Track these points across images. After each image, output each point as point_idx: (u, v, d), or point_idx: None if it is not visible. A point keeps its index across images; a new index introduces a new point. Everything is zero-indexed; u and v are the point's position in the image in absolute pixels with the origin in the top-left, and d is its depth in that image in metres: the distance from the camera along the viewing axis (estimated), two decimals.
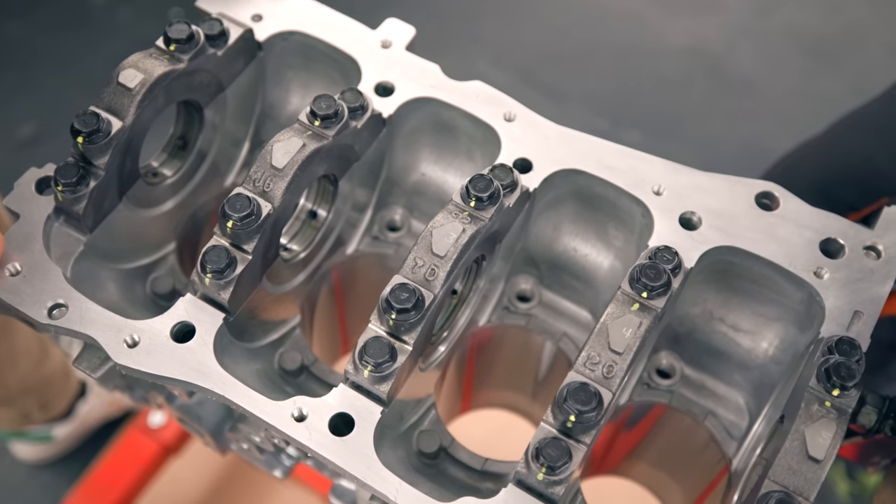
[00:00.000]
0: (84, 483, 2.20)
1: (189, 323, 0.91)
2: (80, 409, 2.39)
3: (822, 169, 1.47)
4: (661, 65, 3.36)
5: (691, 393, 1.07)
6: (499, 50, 3.36)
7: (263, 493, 2.31)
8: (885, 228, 0.97)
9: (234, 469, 2.35)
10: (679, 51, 3.40)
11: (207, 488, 2.32)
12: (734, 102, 3.28)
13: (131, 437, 2.22)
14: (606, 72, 3.33)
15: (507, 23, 3.50)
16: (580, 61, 3.36)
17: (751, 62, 3.38)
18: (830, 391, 0.82)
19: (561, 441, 0.82)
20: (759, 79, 3.34)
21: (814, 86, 3.28)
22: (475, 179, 0.91)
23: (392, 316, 0.85)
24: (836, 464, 2.23)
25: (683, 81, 3.32)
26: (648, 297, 0.87)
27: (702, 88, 3.31)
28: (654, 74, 3.33)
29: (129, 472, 2.19)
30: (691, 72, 3.35)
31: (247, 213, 0.89)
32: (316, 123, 0.94)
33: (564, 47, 3.41)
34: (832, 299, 0.93)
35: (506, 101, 1.05)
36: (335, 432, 0.86)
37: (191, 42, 0.98)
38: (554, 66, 3.34)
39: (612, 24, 3.49)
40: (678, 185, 1.00)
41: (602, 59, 3.37)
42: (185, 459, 2.30)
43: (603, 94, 3.24)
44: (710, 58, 3.39)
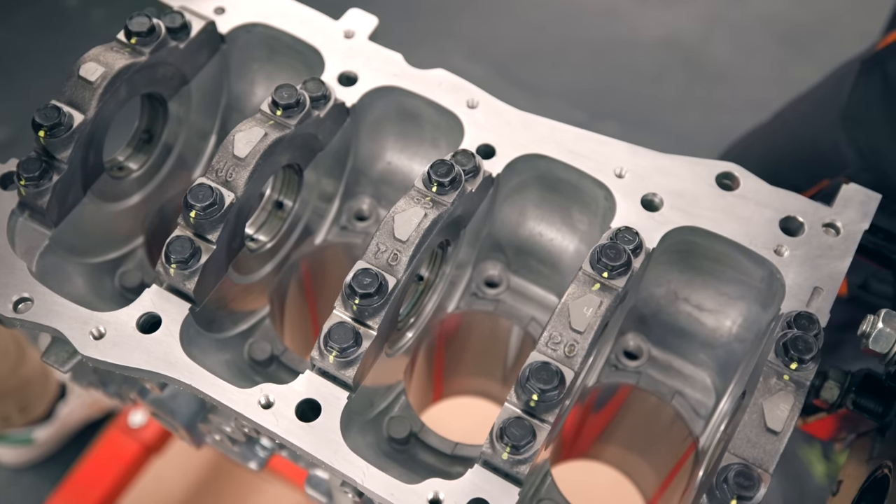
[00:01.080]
0: (65, 485, 2.19)
1: (155, 314, 0.92)
2: (61, 411, 2.38)
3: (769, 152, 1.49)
4: (637, 57, 3.38)
5: (658, 373, 1.08)
6: (474, 45, 3.37)
7: (246, 490, 2.30)
8: (844, 206, 0.99)
9: (217, 467, 2.34)
10: (654, 43, 3.42)
11: (190, 487, 2.32)
12: (710, 92, 3.30)
13: (112, 437, 2.22)
14: (582, 65, 3.34)
15: (482, 18, 3.50)
16: (556, 56, 3.38)
17: (725, 52, 3.40)
18: (788, 365, 0.84)
19: (524, 420, 0.83)
20: (734, 68, 3.36)
21: (788, 74, 3.30)
22: (436, 165, 0.91)
23: (355, 301, 0.86)
24: (812, 446, 2.26)
25: (659, 73, 3.34)
26: (609, 277, 0.87)
27: (677, 79, 3.33)
28: (629, 67, 3.35)
29: (111, 472, 2.18)
30: (667, 63, 3.37)
31: (209, 203, 0.89)
32: (278, 113, 0.95)
33: (540, 42, 3.42)
34: (792, 276, 0.94)
35: (468, 88, 1.06)
36: (302, 418, 0.87)
37: (152, 35, 0.98)
38: (530, 61, 3.35)
39: (587, 19, 3.50)
40: (640, 167, 1.01)
41: (578, 53, 3.38)
42: (167, 458, 2.30)
43: (579, 88, 3.25)
44: (684, 49, 3.41)
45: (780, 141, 1.56)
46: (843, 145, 1.33)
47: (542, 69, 3.31)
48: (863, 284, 1.37)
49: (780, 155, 1.50)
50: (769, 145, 1.58)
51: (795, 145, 1.48)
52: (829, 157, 1.36)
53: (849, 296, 1.37)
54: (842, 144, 1.34)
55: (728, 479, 0.78)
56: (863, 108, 1.33)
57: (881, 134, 1.30)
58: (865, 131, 1.32)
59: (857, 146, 1.31)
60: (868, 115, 1.32)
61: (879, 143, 1.30)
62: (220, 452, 2.35)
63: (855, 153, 1.32)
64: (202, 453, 2.33)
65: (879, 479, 0.90)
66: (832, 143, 1.35)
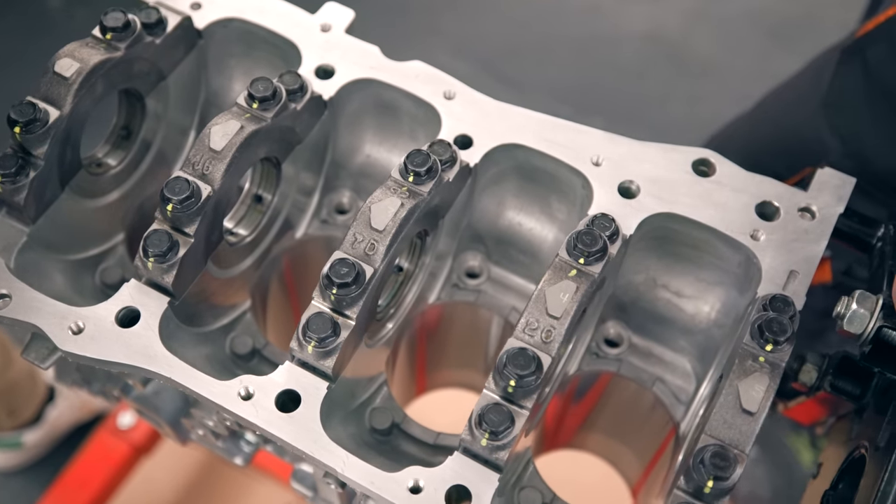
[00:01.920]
0: (54, 488, 2.19)
1: (134, 308, 0.92)
2: (50, 415, 2.38)
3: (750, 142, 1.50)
4: (621, 52, 3.39)
5: (639, 360, 1.09)
6: (460, 43, 3.37)
7: (236, 490, 2.30)
8: (819, 190, 1.00)
9: (207, 468, 2.34)
10: (638, 38, 3.43)
11: (180, 488, 2.31)
12: (694, 86, 3.31)
13: (101, 439, 2.21)
14: (567, 61, 3.35)
15: (467, 16, 3.51)
16: (541, 52, 3.38)
17: (709, 46, 3.41)
18: (764, 346, 0.84)
19: (503, 406, 0.83)
20: (718, 62, 3.37)
21: (772, 67, 3.30)
22: (412, 155, 0.92)
23: (333, 291, 0.86)
24: (800, 434, 2.27)
25: (643, 67, 3.35)
26: (585, 264, 0.88)
27: (662, 74, 3.34)
28: (614, 62, 3.36)
29: (100, 474, 2.18)
30: (651, 58, 3.38)
31: (186, 196, 0.89)
32: (254, 106, 0.95)
33: (525, 39, 3.42)
34: (768, 260, 0.95)
35: (445, 79, 1.06)
36: (282, 409, 0.87)
37: (127, 30, 0.98)
38: (515, 58, 3.35)
39: (572, 15, 3.50)
40: (616, 155, 1.01)
41: (562, 49, 3.38)
42: (156, 460, 2.29)
43: (565, 83, 3.26)
44: (668, 43, 3.42)
45: (762, 130, 1.56)
46: (825, 133, 1.34)
47: (527, 65, 3.32)
48: (847, 271, 1.38)
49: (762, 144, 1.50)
50: (751, 135, 1.59)
51: (777, 134, 1.49)
52: (811, 146, 1.36)
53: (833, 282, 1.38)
54: (823, 132, 1.34)
55: (704, 460, 0.78)
56: (843, 95, 1.33)
57: (862, 121, 1.31)
58: (847, 119, 1.32)
59: (839, 134, 1.32)
60: (849, 103, 1.33)
61: (861, 129, 1.31)
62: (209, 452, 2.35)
63: (837, 141, 1.32)
64: (192, 454, 2.33)
65: (857, 459, 0.90)
66: (814, 132, 1.36)
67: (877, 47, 1.27)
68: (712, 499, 0.79)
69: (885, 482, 0.78)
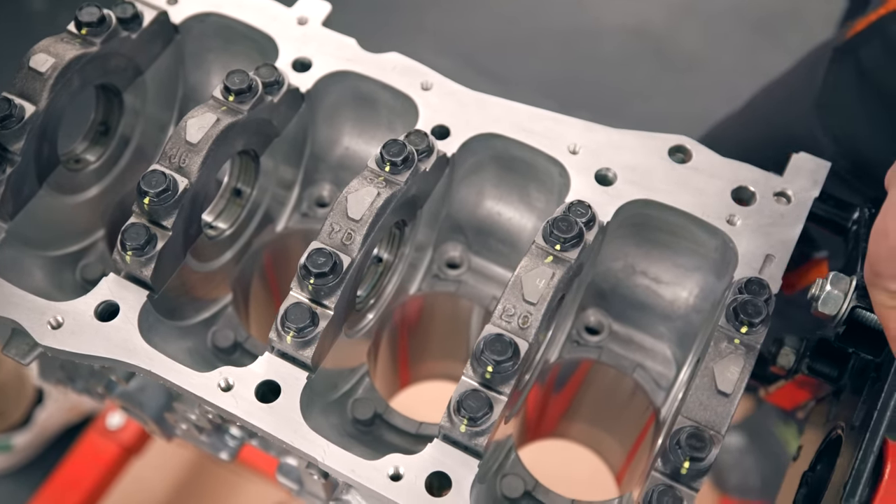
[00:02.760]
0: (44, 489, 2.18)
1: (113, 302, 0.92)
2: (39, 417, 2.37)
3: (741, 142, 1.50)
4: (607, 46, 3.39)
5: (620, 347, 1.09)
6: (444, 39, 3.38)
7: (227, 489, 2.31)
8: (794, 174, 1.00)
9: (198, 467, 2.34)
10: (623, 32, 3.43)
11: (171, 488, 2.32)
12: (679, 81, 3.32)
13: (90, 440, 2.21)
14: (553, 56, 3.35)
15: (451, 12, 3.51)
16: (526, 47, 3.39)
17: (694, 40, 3.42)
18: (739, 329, 0.85)
19: (481, 393, 0.83)
20: (704, 56, 3.38)
21: (758, 61, 3.31)
22: (388, 145, 0.92)
23: (311, 281, 0.87)
24: (788, 424, 2.28)
25: (629, 61, 3.36)
26: (562, 250, 0.88)
27: (647, 68, 3.35)
28: (599, 56, 3.36)
29: (90, 475, 2.18)
30: (636, 52, 3.39)
31: (163, 189, 0.90)
32: (230, 99, 0.95)
33: (510, 34, 3.43)
34: (744, 244, 0.95)
35: (422, 70, 1.07)
36: (262, 400, 0.88)
37: (102, 25, 0.98)
38: (500, 53, 3.35)
39: (556, 9, 3.51)
40: (593, 143, 1.02)
41: (548, 43, 3.39)
42: (146, 460, 2.29)
43: (550, 78, 3.26)
44: (653, 37, 3.42)
45: (753, 130, 1.56)
46: (819, 133, 1.34)
47: (512, 60, 3.32)
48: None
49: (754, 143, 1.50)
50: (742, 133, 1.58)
51: (769, 133, 1.48)
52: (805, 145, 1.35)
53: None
54: (817, 132, 1.34)
55: (680, 441, 0.79)
56: (837, 95, 1.33)
57: (857, 121, 1.30)
58: (841, 119, 1.32)
59: (833, 134, 1.31)
60: (842, 103, 1.32)
61: (856, 130, 1.30)
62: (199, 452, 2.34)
63: (831, 141, 1.32)
64: (182, 453, 2.33)
65: (834, 440, 0.91)
66: (806, 131, 1.35)
67: (870, 47, 1.27)
68: (689, 480, 0.79)
69: (858, 460, 0.79)
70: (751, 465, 2.29)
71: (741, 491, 2.26)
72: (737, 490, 2.27)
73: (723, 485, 2.30)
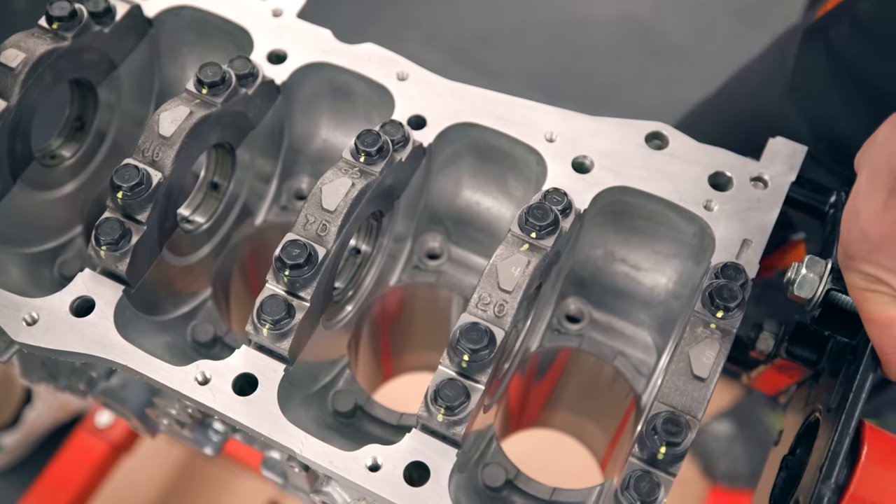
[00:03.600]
0: (33, 489, 2.18)
1: (88, 297, 0.92)
2: (28, 417, 2.37)
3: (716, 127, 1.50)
4: (592, 36, 3.39)
5: (600, 335, 1.09)
6: (430, 31, 3.37)
7: (219, 487, 2.30)
8: (771, 159, 1.00)
9: (188, 465, 2.34)
10: (609, 21, 3.43)
11: (162, 486, 2.31)
12: (666, 68, 3.32)
13: (79, 439, 2.20)
14: (538, 47, 3.35)
15: (437, 5, 3.50)
16: (512, 38, 3.38)
17: (679, 27, 3.42)
18: (715, 313, 0.85)
19: (457, 381, 0.83)
20: (689, 43, 3.38)
21: (741, 48, 3.31)
22: (363, 135, 0.92)
23: (286, 273, 0.86)
24: (777, 412, 2.28)
25: (615, 51, 3.36)
26: (537, 238, 0.88)
27: (633, 56, 3.35)
28: (585, 46, 3.36)
29: (79, 474, 2.17)
30: (622, 41, 3.38)
31: (136, 183, 0.89)
32: (203, 91, 0.95)
33: (496, 26, 3.42)
34: (721, 230, 0.95)
35: (398, 60, 1.06)
36: (240, 393, 0.88)
37: (74, 19, 0.98)
38: (486, 45, 3.35)
39: (541, 0, 3.51)
40: (570, 130, 1.02)
41: (533, 34, 3.39)
42: (136, 458, 2.29)
43: (536, 69, 3.26)
44: (639, 25, 3.42)
45: (729, 113, 1.56)
46: (794, 116, 1.34)
47: (498, 52, 3.32)
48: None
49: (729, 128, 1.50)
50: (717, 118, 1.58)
51: (744, 117, 1.48)
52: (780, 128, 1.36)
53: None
54: (791, 115, 1.34)
55: (657, 426, 0.79)
56: (809, 77, 1.33)
57: (830, 102, 1.30)
58: (814, 101, 1.32)
59: (807, 116, 1.31)
60: (814, 84, 1.32)
61: (829, 111, 1.30)
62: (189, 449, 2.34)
63: (805, 123, 1.32)
64: (172, 451, 2.33)
65: (813, 423, 0.91)
66: (781, 114, 1.35)
67: (839, 27, 1.27)
68: (666, 465, 0.79)
69: (835, 441, 0.79)
70: (739, 453, 2.30)
71: (730, 478, 2.27)
72: (726, 477, 2.28)
73: (712, 473, 2.31)
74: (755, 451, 2.29)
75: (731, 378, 2.34)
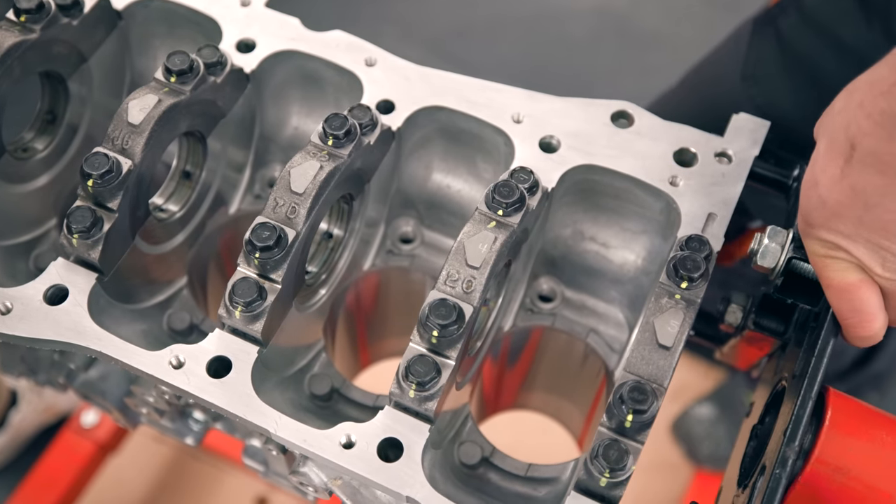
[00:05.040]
0: (19, 491, 2.18)
1: (62, 286, 0.93)
2: (13, 419, 2.36)
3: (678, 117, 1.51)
4: (569, 27, 3.41)
5: (573, 313, 1.11)
6: (405, 27, 3.38)
7: (209, 483, 2.31)
8: (735, 135, 1.02)
9: (176, 463, 2.34)
10: (584, 13, 3.45)
11: (150, 484, 2.32)
12: (643, 58, 3.34)
13: (65, 439, 2.20)
14: (516, 39, 3.37)
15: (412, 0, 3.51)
16: (489, 32, 3.40)
17: (655, 16, 3.45)
18: (679, 284, 0.86)
19: (428, 357, 0.85)
20: (665, 33, 3.40)
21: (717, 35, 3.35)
22: (330, 119, 0.93)
23: (256, 255, 0.87)
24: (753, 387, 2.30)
25: (592, 41, 3.38)
26: (504, 215, 0.90)
27: (610, 47, 3.37)
28: (562, 37, 3.38)
29: (66, 474, 2.17)
30: (599, 32, 3.40)
31: (106, 171, 0.90)
32: (172, 80, 0.96)
33: (472, 19, 3.44)
34: (687, 204, 0.97)
35: (366, 47, 1.08)
36: (214, 375, 0.89)
37: (41, 12, 0.98)
38: (463, 39, 3.36)
39: None
40: (537, 111, 1.03)
41: (510, 27, 3.40)
42: (124, 457, 2.29)
43: (514, 62, 3.28)
44: (615, 16, 3.44)
45: (686, 105, 1.58)
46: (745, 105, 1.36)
47: (476, 46, 3.33)
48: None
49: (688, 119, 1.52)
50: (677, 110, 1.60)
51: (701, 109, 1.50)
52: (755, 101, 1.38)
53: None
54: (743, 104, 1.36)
55: (623, 396, 0.80)
56: (760, 66, 1.35)
57: (780, 91, 1.33)
58: (764, 89, 1.34)
59: (757, 104, 1.33)
60: (765, 74, 1.34)
61: (778, 100, 1.32)
62: (177, 447, 2.34)
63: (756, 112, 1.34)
64: (160, 449, 2.33)
65: (779, 391, 0.93)
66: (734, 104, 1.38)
67: (787, 16, 1.29)
68: (634, 433, 0.81)
69: (798, 406, 0.81)
70: (722, 435, 2.32)
71: (714, 461, 2.29)
72: (710, 460, 2.30)
73: (696, 456, 2.33)
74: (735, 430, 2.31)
75: (712, 363, 2.37)
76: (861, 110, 0.73)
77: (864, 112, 0.73)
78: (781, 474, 0.79)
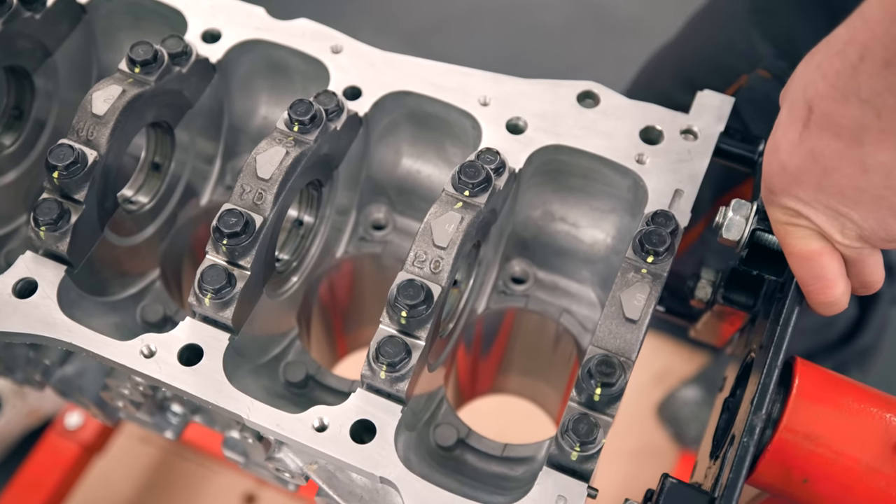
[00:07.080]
0: (4, 494, 2.17)
1: (31, 279, 0.92)
2: None
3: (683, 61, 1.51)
4: (546, 17, 3.42)
5: (546, 294, 1.11)
6: (381, 20, 3.38)
7: (195, 482, 2.30)
8: (700, 112, 1.03)
9: (162, 462, 2.34)
10: (560, 2, 3.46)
11: (136, 484, 2.31)
12: (620, 46, 3.34)
13: (50, 441, 2.20)
14: (492, 30, 3.37)
15: None
16: (465, 23, 3.40)
17: (631, 5, 3.46)
18: (645, 259, 0.87)
19: (397, 338, 0.85)
20: (641, 20, 3.41)
21: None
22: (295, 105, 0.93)
23: (224, 242, 0.88)
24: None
25: (569, 31, 3.38)
26: (470, 195, 0.90)
27: (588, 36, 3.37)
28: (540, 27, 3.39)
29: (52, 476, 2.16)
30: (576, 21, 3.41)
31: (71, 162, 0.90)
32: (136, 70, 0.96)
33: (448, 11, 3.44)
34: (654, 181, 0.97)
35: (332, 34, 1.08)
36: (186, 363, 0.89)
37: (3, 6, 0.98)
38: (440, 31, 3.37)
39: None
40: (503, 93, 1.04)
41: (487, 18, 3.41)
42: (110, 458, 2.29)
43: (491, 53, 3.28)
44: (591, 5, 3.45)
45: (693, 46, 1.56)
46: (756, 38, 1.34)
47: (453, 38, 3.34)
48: None
49: (695, 61, 1.50)
50: (682, 55, 1.58)
51: (709, 49, 1.49)
52: (744, 53, 1.36)
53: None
54: (755, 38, 1.35)
55: (591, 370, 0.81)
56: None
57: (792, 20, 1.31)
58: (776, 21, 1.33)
59: (770, 36, 1.32)
60: (777, 4, 1.34)
61: (791, 29, 1.30)
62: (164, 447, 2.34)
63: (769, 44, 1.33)
64: (147, 450, 2.32)
65: (748, 363, 0.94)
66: (745, 39, 1.37)
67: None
68: (603, 406, 0.81)
69: (764, 374, 0.82)
70: (708, 418, 2.33)
71: (699, 443, 2.30)
72: (697, 442, 2.31)
73: (683, 438, 2.34)
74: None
75: (697, 346, 2.38)
76: (818, 72, 0.73)
77: (820, 73, 0.73)
78: (749, 442, 0.80)
